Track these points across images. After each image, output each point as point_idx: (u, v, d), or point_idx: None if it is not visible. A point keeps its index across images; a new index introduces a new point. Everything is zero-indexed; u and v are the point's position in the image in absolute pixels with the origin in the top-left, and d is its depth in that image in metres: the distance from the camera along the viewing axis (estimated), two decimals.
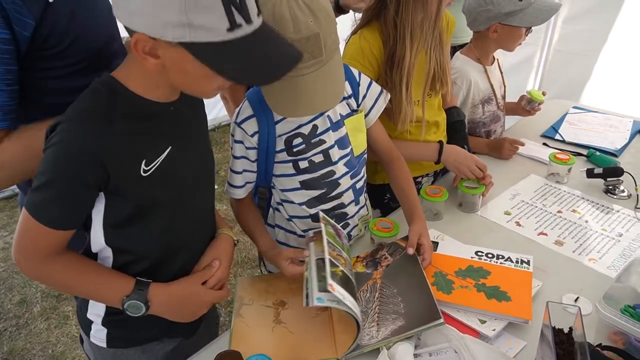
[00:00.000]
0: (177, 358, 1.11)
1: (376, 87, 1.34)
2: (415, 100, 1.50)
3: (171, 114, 0.95)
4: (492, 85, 1.86)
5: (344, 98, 1.27)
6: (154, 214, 0.96)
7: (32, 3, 0.93)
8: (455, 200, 1.57)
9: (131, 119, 0.89)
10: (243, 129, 1.21)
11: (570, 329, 0.94)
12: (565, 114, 2.20)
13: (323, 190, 1.29)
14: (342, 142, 1.28)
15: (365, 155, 1.37)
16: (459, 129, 1.67)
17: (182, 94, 0.96)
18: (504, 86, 1.96)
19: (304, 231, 1.34)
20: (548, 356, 0.87)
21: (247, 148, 1.23)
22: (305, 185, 1.28)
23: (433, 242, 1.34)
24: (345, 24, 1.64)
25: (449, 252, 1.33)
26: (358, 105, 1.31)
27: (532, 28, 1.76)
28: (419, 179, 1.69)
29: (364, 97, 1.31)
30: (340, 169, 1.29)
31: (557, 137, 2.01)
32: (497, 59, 1.92)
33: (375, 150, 1.40)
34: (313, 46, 1.01)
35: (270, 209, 1.38)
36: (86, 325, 1.07)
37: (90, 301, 1.05)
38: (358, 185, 1.36)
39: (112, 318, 1.03)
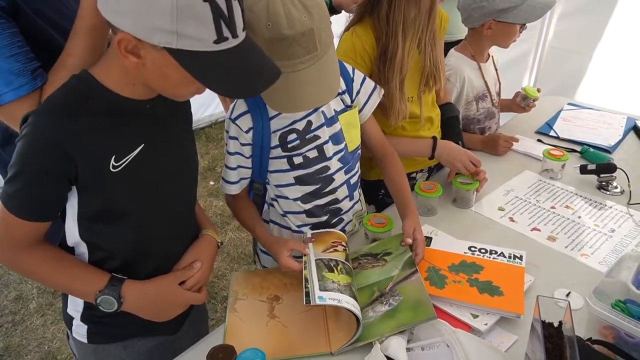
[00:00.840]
0: (161, 354, 1.11)
1: (370, 83, 1.34)
2: (409, 96, 1.51)
3: (147, 112, 0.95)
4: (486, 82, 1.86)
5: (338, 94, 1.27)
6: (127, 212, 0.96)
7: None
8: (450, 196, 1.58)
9: (102, 114, 0.89)
10: (237, 125, 1.22)
11: (560, 323, 0.95)
12: (560, 111, 2.21)
13: (317, 186, 1.30)
14: (337, 138, 1.28)
15: (359, 151, 1.37)
16: (453, 125, 1.68)
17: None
18: (499, 83, 1.97)
19: (299, 226, 1.34)
20: (538, 350, 0.88)
21: (242, 144, 1.24)
22: (299, 180, 1.28)
23: (427, 237, 1.35)
24: (340, 20, 1.64)
25: (442, 248, 1.33)
26: (352, 101, 1.31)
27: (527, 25, 1.77)
28: (414, 175, 1.70)
29: (358, 92, 1.32)
30: (334, 164, 1.29)
31: (552, 133, 2.02)
32: (492, 56, 1.92)
33: (369, 145, 1.41)
34: (307, 41, 1.01)
35: (265, 205, 1.38)
36: (68, 320, 1.08)
37: (70, 296, 1.05)
38: (352, 181, 1.37)
39: (91, 313, 1.03)
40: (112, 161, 0.91)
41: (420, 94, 1.54)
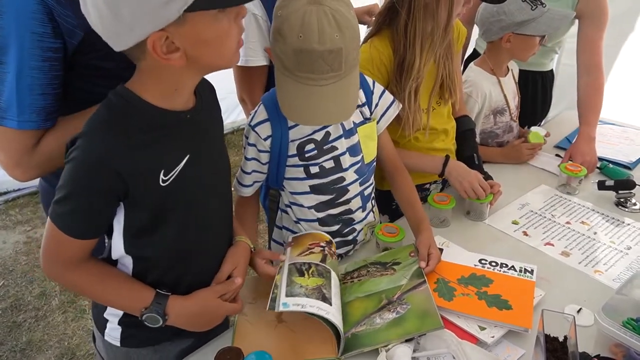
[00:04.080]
0: (190, 357, 1.12)
1: (388, 96, 1.36)
2: (424, 108, 1.52)
3: (187, 122, 0.96)
4: (505, 97, 1.86)
5: (358, 106, 1.29)
6: (172, 221, 0.98)
7: (83, 16, 0.98)
8: (463, 208, 1.58)
9: (148, 130, 0.90)
10: (257, 132, 1.24)
11: (565, 337, 0.95)
12: None
13: (332, 196, 1.32)
14: (354, 150, 1.30)
15: (375, 163, 1.39)
16: (468, 138, 1.68)
17: (197, 102, 0.98)
18: (518, 96, 1.96)
19: None
20: None
21: (260, 151, 1.26)
22: (314, 190, 1.30)
23: (438, 248, 1.36)
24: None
25: (453, 259, 1.33)
26: (371, 114, 1.33)
27: (546, 37, 1.77)
28: (427, 186, 1.70)
29: (376, 105, 1.34)
30: (350, 175, 1.31)
31: None
32: (512, 70, 1.92)
33: (380, 157, 1.42)
34: (334, 60, 1.03)
35: (279, 211, 1.41)
36: (101, 323, 1.10)
37: None
38: (366, 192, 1.38)
39: (129, 319, 1.04)
40: (162, 175, 0.92)
41: (434, 105, 1.55)
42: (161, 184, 0.92)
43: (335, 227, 1.36)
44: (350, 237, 1.39)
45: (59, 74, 1.01)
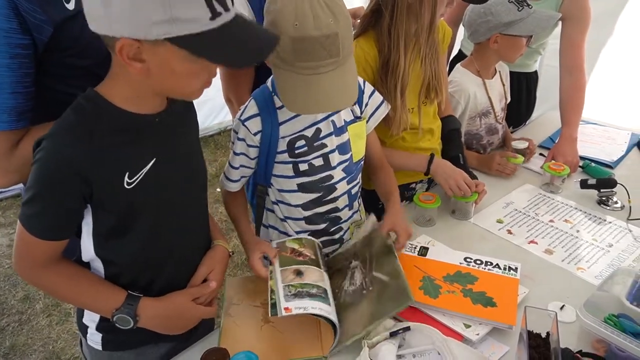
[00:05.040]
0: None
1: (378, 96, 1.37)
2: (410, 107, 1.53)
3: (156, 126, 0.95)
4: (490, 99, 1.87)
5: None
6: (141, 226, 0.98)
7: (51, 11, 0.96)
8: (448, 207, 1.60)
9: (114, 133, 0.90)
10: (246, 127, 1.24)
11: (548, 333, 0.96)
12: None
13: (320, 194, 1.32)
14: (343, 148, 1.31)
15: (362, 162, 1.40)
16: (453, 138, 1.70)
17: (169, 104, 0.98)
18: (505, 99, 1.97)
19: (297, 232, 1.37)
20: (524, 359, 0.89)
21: (249, 145, 1.26)
22: (302, 187, 1.31)
23: (423, 247, 1.37)
24: None
25: (438, 258, 1.35)
26: (361, 112, 1.34)
27: (533, 37, 1.79)
28: (413, 185, 1.72)
29: (367, 104, 1.35)
30: (338, 173, 1.32)
31: None
32: (500, 72, 1.93)
33: (366, 156, 1.42)
34: (331, 44, 1.04)
35: (265, 210, 1.41)
36: (83, 329, 1.10)
37: None
38: (353, 191, 1.39)
39: (107, 324, 1.04)
40: (126, 178, 0.92)
41: (420, 105, 1.56)
42: (126, 186, 0.92)
43: (322, 226, 1.37)
44: (336, 236, 1.40)
45: (30, 71, 0.99)
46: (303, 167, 1.28)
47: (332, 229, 1.38)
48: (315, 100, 1.09)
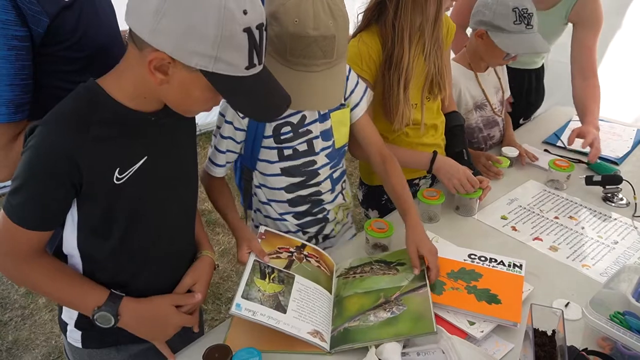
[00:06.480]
0: (153, 355, 1.10)
1: (362, 85, 1.38)
2: (413, 103, 1.52)
3: (152, 124, 0.95)
4: (484, 91, 1.84)
5: None
6: (126, 223, 0.97)
7: (47, 2, 0.96)
8: (452, 204, 1.58)
9: (108, 126, 0.89)
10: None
11: (554, 331, 0.95)
12: (569, 121, 2.19)
13: (303, 178, 1.34)
14: (326, 134, 1.32)
15: (346, 148, 1.41)
16: (457, 134, 1.68)
17: (167, 105, 0.96)
18: (502, 91, 1.93)
19: (281, 214, 1.38)
20: (530, 357, 0.88)
21: (236, 129, 1.26)
22: (285, 172, 1.32)
23: (429, 243, 1.36)
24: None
25: (442, 254, 1.32)
26: (345, 100, 1.34)
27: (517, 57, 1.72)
28: (416, 181, 1.71)
29: (352, 92, 1.35)
30: (321, 159, 1.33)
31: (559, 143, 2.01)
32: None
33: (365, 146, 1.41)
34: (327, 46, 1.05)
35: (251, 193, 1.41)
36: (62, 326, 1.10)
37: None
38: (335, 175, 1.40)
39: (86, 321, 1.03)
40: (117, 173, 0.91)
41: (423, 100, 1.55)
42: (115, 181, 0.92)
43: (305, 207, 1.38)
44: (320, 216, 1.41)
45: (27, 64, 0.98)
46: (287, 152, 1.30)
47: (315, 210, 1.40)
48: (303, 97, 1.08)
